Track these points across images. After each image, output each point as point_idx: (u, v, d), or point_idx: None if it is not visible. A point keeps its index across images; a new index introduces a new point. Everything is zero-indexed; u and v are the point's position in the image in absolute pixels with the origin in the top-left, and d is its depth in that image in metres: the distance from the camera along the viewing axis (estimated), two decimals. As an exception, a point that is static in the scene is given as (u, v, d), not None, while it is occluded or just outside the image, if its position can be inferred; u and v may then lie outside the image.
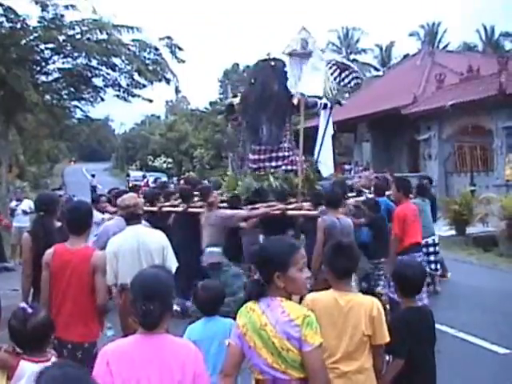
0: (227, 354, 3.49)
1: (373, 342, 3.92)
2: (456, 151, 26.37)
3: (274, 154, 11.73)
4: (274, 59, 12.03)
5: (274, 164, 11.62)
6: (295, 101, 11.61)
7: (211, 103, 59.64)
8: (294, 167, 11.39)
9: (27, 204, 16.06)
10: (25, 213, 15.78)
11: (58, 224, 6.89)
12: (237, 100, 12.09)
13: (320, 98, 12.35)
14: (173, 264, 5.92)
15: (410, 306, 4.44)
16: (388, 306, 8.01)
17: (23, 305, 3.47)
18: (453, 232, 18.66)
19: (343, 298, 3.91)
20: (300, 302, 4.08)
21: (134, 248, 5.84)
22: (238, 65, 69.14)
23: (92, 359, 4.91)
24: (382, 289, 9.08)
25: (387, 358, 4.23)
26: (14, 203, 16.62)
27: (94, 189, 42.66)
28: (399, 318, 4.44)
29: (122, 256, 5.82)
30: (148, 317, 2.94)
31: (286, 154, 11.78)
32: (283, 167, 11.57)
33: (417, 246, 8.78)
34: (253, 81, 12.14)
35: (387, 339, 3.95)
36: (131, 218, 6.11)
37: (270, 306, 3.29)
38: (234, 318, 3.51)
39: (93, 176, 44.67)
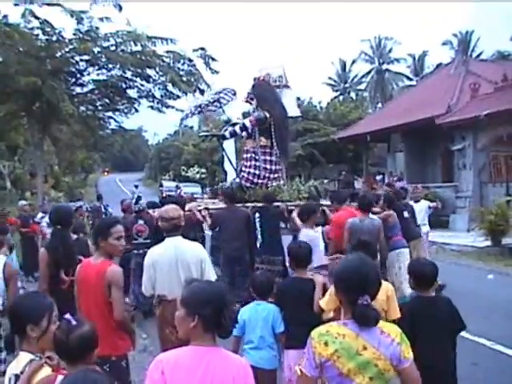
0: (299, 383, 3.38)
1: (388, 317, 5.03)
2: (491, 161, 26.02)
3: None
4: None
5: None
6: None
7: (244, 114, 59.71)
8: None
9: None
10: (49, 225, 15.57)
11: (74, 236, 7.02)
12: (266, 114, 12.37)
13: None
14: (212, 277, 5.83)
15: (420, 295, 4.92)
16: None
17: (68, 316, 3.50)
18: (488, 243, 18.44)
19: None
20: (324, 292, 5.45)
21: (172, 260, 5.78)
22: (269, 75, 69.02)
23: (121, 372, 4.94)
24: None
25: None
26: (39, 215, 16.21)
27: (139, 199, 42.62)
28: (407, 305, 5.15)
29: (160, 267, 5.78)
30: (233, 325, 3.03)
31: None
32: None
33: None
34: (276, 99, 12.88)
35: (398, 315, 5.03)
36: (173, 229, 5.97)
37: (363, 328, 3.21)
38: None
39: (136, 187, 44.55)
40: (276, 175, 12.44)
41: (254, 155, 12.36)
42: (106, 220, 6.74)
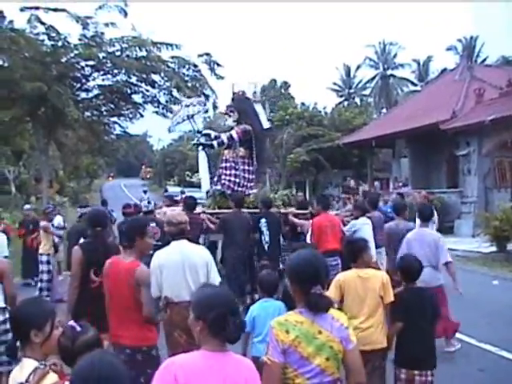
0: (269, 372, 3.50)
1: (384, 301, 5.60)
2: (496, 166, 25.99)
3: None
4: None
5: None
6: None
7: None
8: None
9: (57, 220, 15.73)
10: (58, 230, 15.35)
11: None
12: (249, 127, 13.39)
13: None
14: (216, 279, 5.94)
15: (410, 287, 5.89)
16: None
17: (72, 323, 3.54)
18: (493, 248, 18.41)
19: (362, 272, 5.67)
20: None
21: (178, 263, 5.86)
22: (275, 81, 69.28)
23: (153, 360, 5.26)
24: None
25: None
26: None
27: (149, 204, 41.88)
28: (401, 294, 5.83)
29: (167, 270, 5.84)
30: (238, 331, 3.05)
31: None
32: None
33: (331, 252, 9.88)
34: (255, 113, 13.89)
35: (392, 299, 5.62)
36: (179, 233, 6.11)
37: (316, 315, 3.54)
38: None
39: (144, 192, 44.18)
40: (252, 184, 13.49)
41: (233, 164, 13.28)
42: (140, 219, 7.33)
